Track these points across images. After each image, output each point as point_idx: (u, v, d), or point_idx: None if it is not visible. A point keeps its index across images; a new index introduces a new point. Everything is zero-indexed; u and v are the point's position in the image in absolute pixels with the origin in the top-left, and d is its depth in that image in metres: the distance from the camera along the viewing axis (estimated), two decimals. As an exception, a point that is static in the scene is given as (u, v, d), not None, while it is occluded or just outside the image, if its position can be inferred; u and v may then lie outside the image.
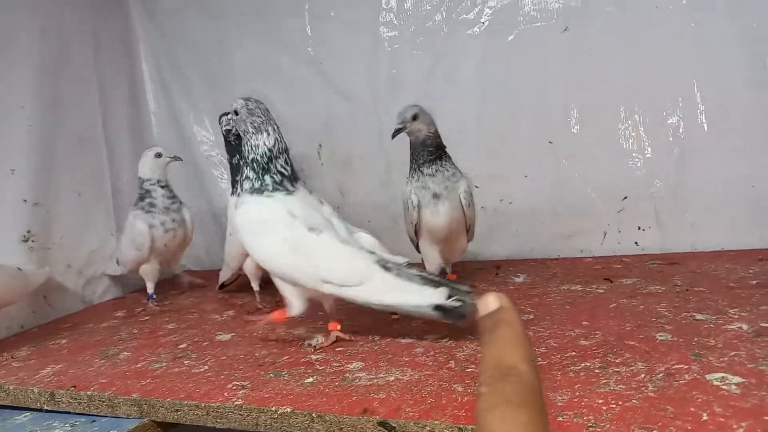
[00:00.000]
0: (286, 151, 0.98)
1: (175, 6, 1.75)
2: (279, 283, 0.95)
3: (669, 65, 1.25)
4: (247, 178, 0.95)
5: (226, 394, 0.81)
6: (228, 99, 1.70)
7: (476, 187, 1.43)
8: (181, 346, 1.07)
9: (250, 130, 0.97)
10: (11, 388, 0.98)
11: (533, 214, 1.39)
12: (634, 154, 1.30)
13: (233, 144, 1.30)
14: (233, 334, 1.10)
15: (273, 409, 0.75)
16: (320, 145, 1.63)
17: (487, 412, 0.25)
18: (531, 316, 0.95)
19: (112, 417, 0.88)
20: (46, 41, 1.51)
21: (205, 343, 1.07)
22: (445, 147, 1.12)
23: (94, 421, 0.88)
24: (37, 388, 0.95)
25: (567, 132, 1.35)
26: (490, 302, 0.31)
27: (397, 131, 1.09)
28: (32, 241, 1.44)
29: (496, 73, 1.40)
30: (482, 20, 1.41)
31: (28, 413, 0.96)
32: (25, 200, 1.43)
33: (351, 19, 1.54)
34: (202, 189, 1.79)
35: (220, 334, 1.11)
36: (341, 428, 0.70)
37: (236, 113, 0.99)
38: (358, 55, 1.54)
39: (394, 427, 0.67)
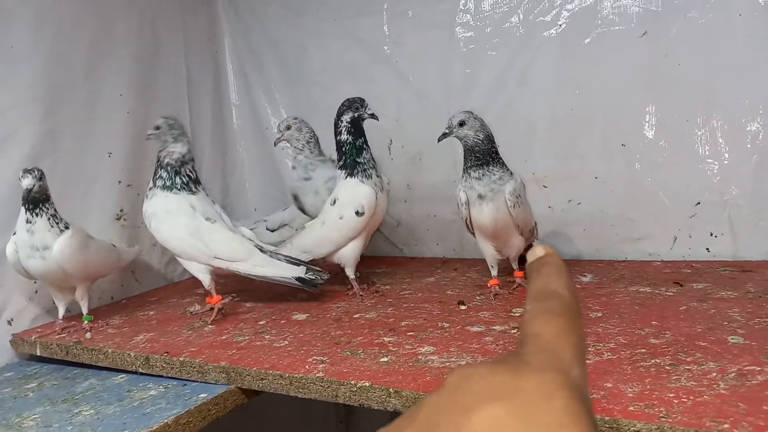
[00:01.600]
0: (193, 160, 1.23)
1: (259, 3, 1.84)
2: (185, 264, 1.20)
3: (750, 72, 1.23)
4: (161, 177, 1.19)
5: (307, 366, 0.88)
6: (304, 93, 1.82)
7: (544, 187, 1.47)
8: (261, 323, 1.14)
9: (170, 140, 1.20)
10: (110, 351, 1.08)
11: (602, 216, 1.39)
12: (709, 160, 1.29)
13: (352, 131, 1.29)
14: (308, 314, 1.17)
15: (352, 382, 0.80)
16: (391, 141, 1.69)
17: (530, 320, 0.30)
18: (599, 314, 0.97)
19: (201, 382, 0.96)
20: (141, 33, 1.63)
21: (282, 321, 1.14)
22: (495, 152, 1.12)
23: (185, 384, 0.96)
24: (133, 352, 1.05)
25: (641, 135, 1.35)
26: (537, 251, 0.34)
27: (443, 136, 1.13)
28: (124, 219, 1.56)
29: (571, 75, 1.42)
30: (560, 22, 1.42)
31: (124, 375, 1.06)
32: (119, 181, 1.55)
33: (428, 18, 1.58)
34: (277, 177, 1.88)
35: (296, 314, 1.18)
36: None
37: (158, 128, 1.20)
38: (432, 54, 1.58)
39: (468, 406, 0.71)
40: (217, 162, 1.88)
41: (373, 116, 1.27)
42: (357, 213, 1.21)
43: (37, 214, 1.14)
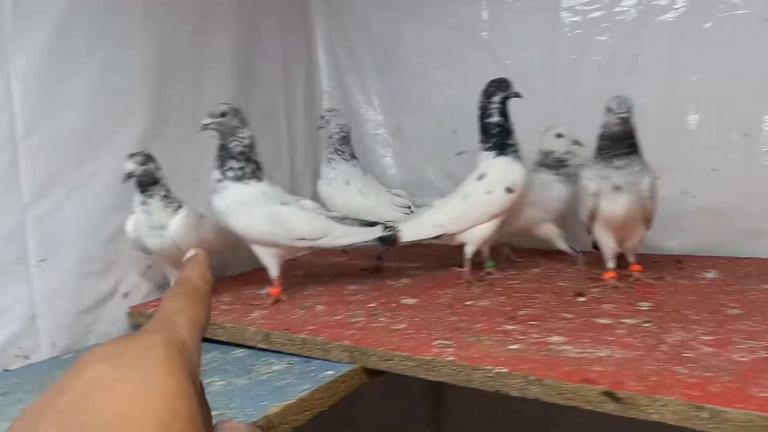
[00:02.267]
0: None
1: (353, -11, 1.85)
2: (258, 251, 1.21)
3: None
4: (231, 168, 1.17)
5: (434, 350, 0.87)
6: (398, 80, 1.82)
7: (656, 178, 1.41)
8: (371, 305, 1.15)
9: (239, 125, 1.18)
10: (228, 326, 1.11)
11: (719, 209, 1.33)
12: (843, 153, 1.21)
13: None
14: (417, 299, 1.17)
15: (488, 367, 0.79)
16: (487, 128, 1.66)
17: (163, 300, 0.36)
18: (737, 311, 0.93)
19: (323, 360, 0.97)
20: (242, 18, 1.66)
21: (393, 305, 1.14)
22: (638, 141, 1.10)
23: (307, 361, 0.98)
24: (253, 327, 1.07)
25: (766, 126, 1.28)
26: (189, 252, 0.42)
27: (623, 120, 1.08)
28: (225, 201, 1.59)
29: (688, 62, 1.35)
30: (676, 6, 1.36)
31: (243, 350, 1.08)
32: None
33: (531, 3, 1.55)
34: (367, 164, 1.88)
35: (405, 298, 1.18)
36: (561, 393, 0.73)
37: (224, 114, 1.18)
38: (535, 40, 1.54)
39: (622, 398, 0.69)
40: (309, 149, 1.90)
41: (517, 95, 1.26)
42: (507, 190, 1.21)
43: (150, 196, 1.18)
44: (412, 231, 1.26)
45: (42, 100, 1.17)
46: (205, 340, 1.15)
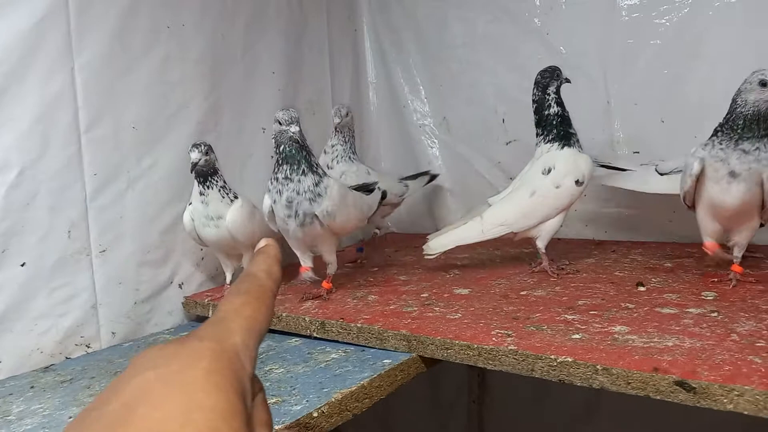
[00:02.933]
0: None
1: (399, -21, 1.84)
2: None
3: None
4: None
5: (494, 339, 0.86)
6: (445, 70, 1.80)
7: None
8: (424, 295, 1.14)
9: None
10: (284, 315, 1.12)
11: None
12: None
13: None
14: (470, 289, 1.16)
15: (552, 357, 0.78)
16: (538, 117, 1.62)
17: (223, 298, 0.34)
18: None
19: (380, 349, 0.97)
20: (291, 12, 1.67)
21: (446, 295, 1.13)
22: None
23: (363, 350, 0.98)
24: (308, 317, 1.08)
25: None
26: (260, 242, 0.39)
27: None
28: (274, 192, 1.61)
29: (754, 46, 1.29)
30: (740, -14, 1.30)
31: (298, 338, 1.10)
32: (272, 156, 1.60)
33: (585, -13, 1.50)
34: (412, 155, 1.88)
35: (457, 288, 1.17)
36: (629, 383, 0.71)
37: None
38: (589, 25, 1.50)
39: (695, 388, 0.67)
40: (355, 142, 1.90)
41: (568, 80, 1.24)
42: (577, 182, 1.19)
43: (208, 187, 1.20)
44: (474, 232, 1.23)
45: (104, 94, 1.20)
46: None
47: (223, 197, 1.21)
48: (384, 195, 1.38)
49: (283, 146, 1.08)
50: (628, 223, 1.51)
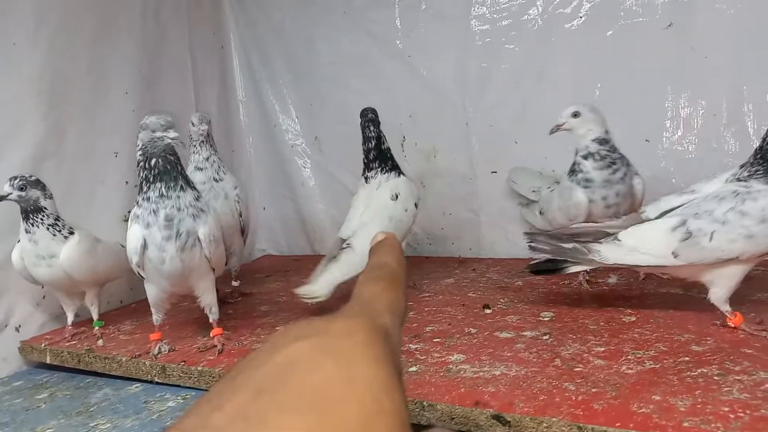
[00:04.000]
0: None
1: (265, -6, 1.79)
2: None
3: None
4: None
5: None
6: (314, 89, 1.78)
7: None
8: (279, 328, 1.10)
9: None
10: (123, 360, 1.04)
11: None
12: (734, 157, 1.25)
13: None
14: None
15: (383, 395, 0.77)
16: (404, 137, 1.64)
17: (359, 284, 0.33)
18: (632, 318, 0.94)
19: (221, 392, 0.92)
20: (145, 24, 1.57)
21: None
22: None
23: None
24: (149, 361, 1.01)
25: (664, 130, 1.31)
26: (378, 236, 0.39)
27: None
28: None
29: (593, 69, 1.38)
30: (580, 14, 1.38)
31: (139, 384, 1.02)
32: (126, 182, 1.51)
33: (442, 11, 1.54)
34: (285, 175, 1.84)
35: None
36: (453, 418, 0.72)
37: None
38: (447, 48, 1.54)
39: (509, 422, 0.68)
40: (225, 160, 1.83)
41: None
42: (416, 205, 1.26)
43: (33, 224, 1.09)
44: (355, 266, 1.11)
45: None
46: (97, 374, 1.09)
47: (55, 235, 1.10)
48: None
49: (156, 159, 0.94)
50: (491, 240, 1.55)
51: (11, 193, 1.05)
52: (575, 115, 1.10)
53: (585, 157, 1.10)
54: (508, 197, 1.49)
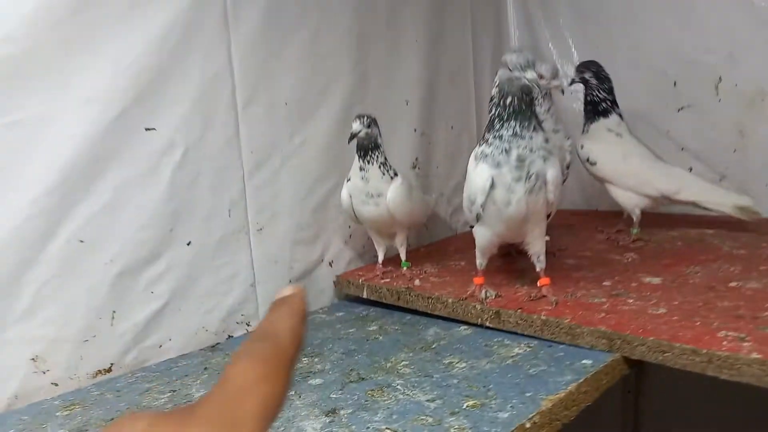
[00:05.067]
0: None
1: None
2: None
3: None
4: None
5: (725, 343, 0.73)
6: (602, 31, 1.61)
7: None
8: (606, 283, 1.02)
9: None
10: (450, 300, 1.04)
11: None
12: None
13: None
14: (661, 278, 1.02)
15: (817, 370, 0.64)
16: (720, 78, 1.42)
17: (235, 359, 0.26)
18: None
19: (571, 345, 0.86)
20: (432, -20, 1.56)
21: (633, 284, 1.00)
22: None
23: (550, 346, 0.88)
24: (479, 304, 1.00)
25: None
26: (285, 290, 0.31)
27: None
28: (418, 168, 1.54)
29: None
30: None
31: (467, 327, 1.01)
32: (414, 130, 1.53)
33: None
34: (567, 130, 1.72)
35: (645, 276, 1.03)
36: None
37: None
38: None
39: None
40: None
41: None
42: None
43: (368, 162, 1.14)
44: None
45: (259, 71, 1.17)
46: (409, 311, 1.11)
47: (383, 174, 1.14)
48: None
49: (512, 98, 0.88)
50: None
51: (361, 131, 1.10)
52: None
53: None
54: None
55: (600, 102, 1.35)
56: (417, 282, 1.16)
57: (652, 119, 1.54)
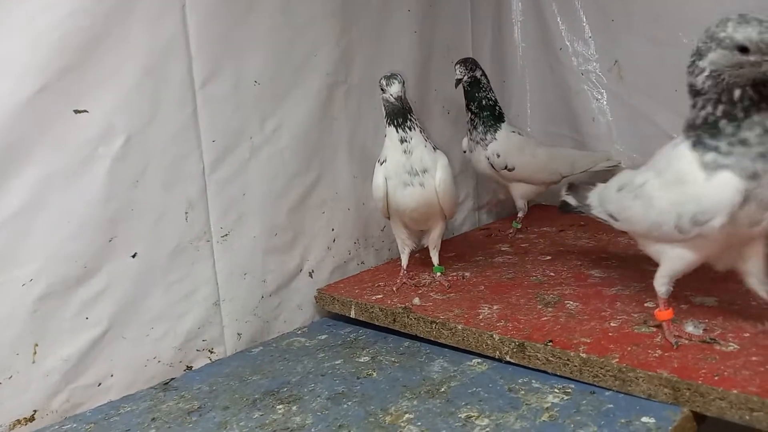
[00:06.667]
0: None
1: None
2: None
3: None
4: None
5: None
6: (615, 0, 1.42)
7: None
8: (649, 305, 0.83)
9: None
10: (459, 328, 0.85)
11: None
12: None
13: None
14: (715, 298, 0.84)
15: None
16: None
17: None
18: None
19: (619, 392, 0.68)
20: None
21: (683, 306, 0.82)
22: None
23: (593, 392, 0.69)
24: (497, 334, 0.80)
25: None
26: None
27: None
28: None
29: None
30: None
31: (480, 360, 0.82)
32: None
33: None
34: (569, 111, 1.53)
35: (695, 296, 0.85)
36: None
37: None
38: None
39: None
40: (495, 90, 1.58)
41: None
42: None
43: (409, 128, 0.96)
44: None
45: (221, 41, 0.96)
46: (405, 335, 0.91)
47: (426, 143, 0.97)
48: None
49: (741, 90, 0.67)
50: None
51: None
52: None
53: None
54: None
55: (494, 105, 1.29)
56: (416, 301, 0.96)
57: (673, 104, 1.35)
